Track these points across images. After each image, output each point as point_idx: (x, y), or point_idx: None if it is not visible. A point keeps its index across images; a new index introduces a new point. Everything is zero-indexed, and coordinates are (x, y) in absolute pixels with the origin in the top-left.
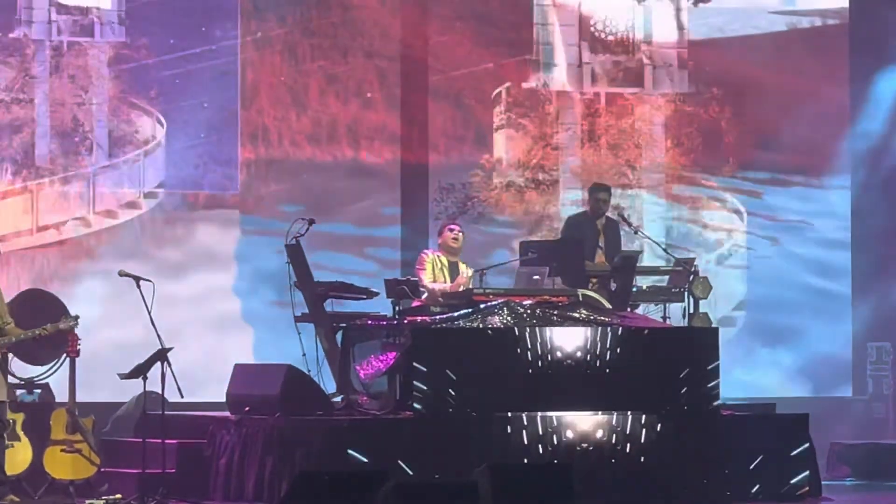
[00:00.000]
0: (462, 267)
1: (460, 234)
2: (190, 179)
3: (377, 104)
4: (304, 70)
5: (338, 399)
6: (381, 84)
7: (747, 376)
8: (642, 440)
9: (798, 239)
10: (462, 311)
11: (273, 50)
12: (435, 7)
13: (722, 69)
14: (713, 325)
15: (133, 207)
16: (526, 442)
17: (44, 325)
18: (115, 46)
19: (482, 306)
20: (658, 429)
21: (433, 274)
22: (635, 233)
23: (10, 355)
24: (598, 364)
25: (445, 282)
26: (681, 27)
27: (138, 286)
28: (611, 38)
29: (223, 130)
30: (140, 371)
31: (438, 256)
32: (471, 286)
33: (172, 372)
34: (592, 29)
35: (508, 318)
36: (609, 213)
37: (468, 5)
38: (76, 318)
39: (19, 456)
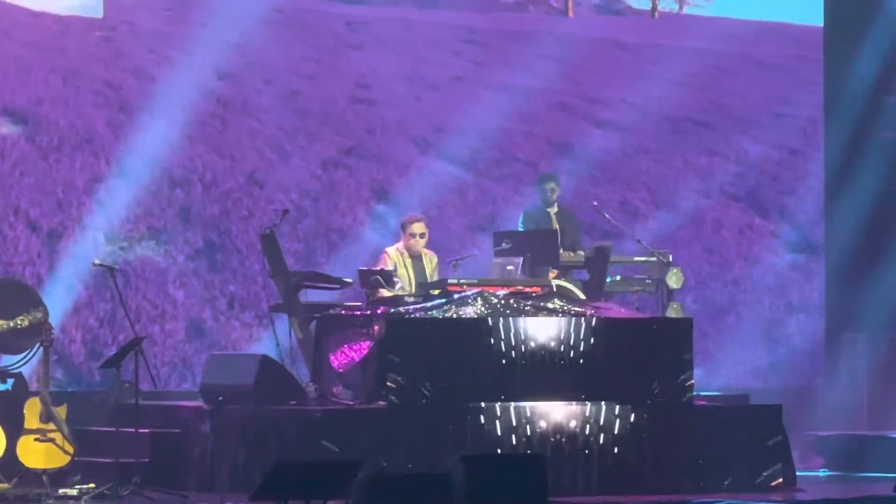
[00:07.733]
0: (425, 259)
1: (423, 237)
2: None
3: None
4: None
5: (311, 389)
6: None
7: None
8: (616, 431)
9: None
10: (435, 301)
11: None
12: None
13: None
14: (686, 316)
15: None
16: (499, 433)
17: (17, 314)
18: None
19: (456, 296)
20: (632, 419)
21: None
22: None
23: None
24: (572, 354)
25: (410, 279)
26: None
27: (112, 276)
28: None
29: None
30: (115, 360)
31: (401, 253)
32: (436, 275)
33: (146, 361)
34: None
35: (482, 309)
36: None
37: None
38: (43, 309)
39: None
